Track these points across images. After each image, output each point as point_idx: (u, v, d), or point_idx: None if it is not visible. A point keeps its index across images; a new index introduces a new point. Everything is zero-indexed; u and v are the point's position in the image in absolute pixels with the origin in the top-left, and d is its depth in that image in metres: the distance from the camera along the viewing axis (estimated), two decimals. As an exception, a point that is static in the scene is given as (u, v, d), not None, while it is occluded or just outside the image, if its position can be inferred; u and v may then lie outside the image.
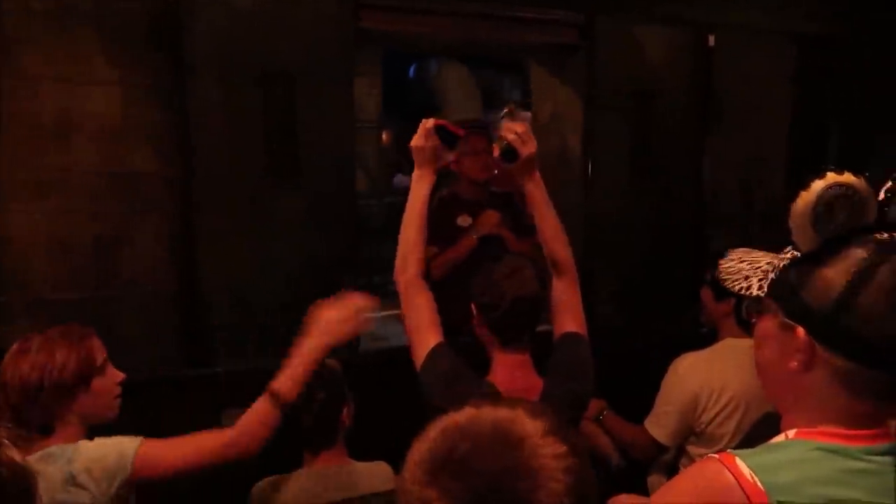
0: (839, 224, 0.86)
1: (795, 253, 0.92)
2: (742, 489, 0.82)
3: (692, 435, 2.12)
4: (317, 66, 2.63)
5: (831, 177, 0.86)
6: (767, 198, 3.60)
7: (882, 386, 0.85)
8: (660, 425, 2.13)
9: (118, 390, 1.63)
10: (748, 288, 0.98)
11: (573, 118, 3.29)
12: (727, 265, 1.04)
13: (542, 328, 1.80)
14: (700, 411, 2.07)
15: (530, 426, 0.71)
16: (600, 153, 3.22)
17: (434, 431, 0.73)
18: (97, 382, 1.57)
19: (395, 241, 1.77)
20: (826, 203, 0.86)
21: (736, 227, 3.54)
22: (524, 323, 1.70)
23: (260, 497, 1.70)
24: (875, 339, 0.83)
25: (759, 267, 0.99)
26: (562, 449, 0.69)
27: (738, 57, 3.43)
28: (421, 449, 0.72)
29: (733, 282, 1.01)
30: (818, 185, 0.86)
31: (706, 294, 2.28)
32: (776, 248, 1.05)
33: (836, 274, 0.85)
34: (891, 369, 0.83)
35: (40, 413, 1.48)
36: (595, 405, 2.36)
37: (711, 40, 3.35)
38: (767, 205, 3.59)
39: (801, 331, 0.87)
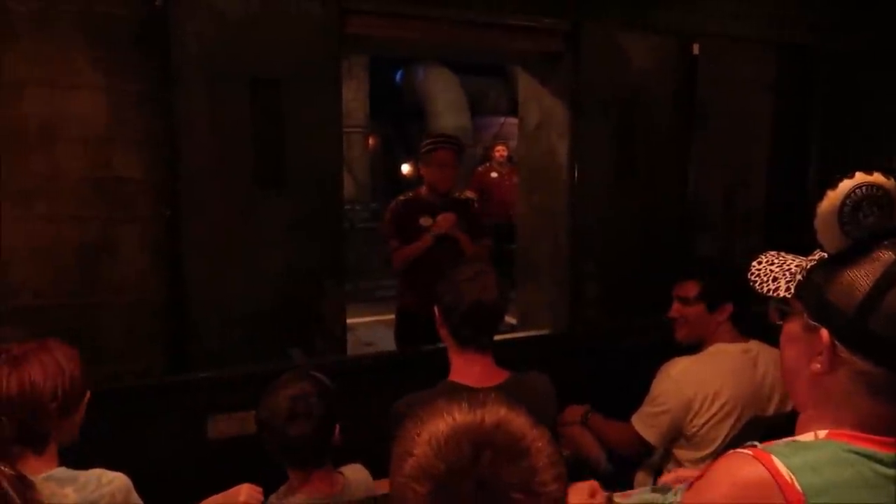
0: (868, 225, 0.84)
1: (823, 254, 0.91)
2: (780, 489, 0.81)
3: (682, 438, 2.14)
4: (303, 72, 2.63)
5: (860, 176, 0.85)
6: (750, 204, 3.64)
7: None
8: (650, 425, 2.14)
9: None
10: (776, 289, 0.96)
11: (560, 124, 3.31)
12: (758, 267, 1.01)
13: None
14: (692, 416, 2.09)
15: (524, 422, 0.78)
16: (587, 159, 3.25)
17: (437, 438, 0.76)
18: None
19: (381, 247, 1.81)
20: (854, 203, 0.84)
21: (719, 232, 3.58)
22: (483, 326, 1.75)
23: None
24: None
25: (789, 269, 0.97)
26: (547, 435, 0.78)
27: (722, 65, 3.47)
28: (429, 458, 0.75)
29: (762, 283, 0.98)
30: (846, 185, 0.85)
31: (697, 308, 2.24)
32: (758, 253, 1.05)
33: (861, 276, 0.83)
34: None
35: (44, 426, 1.42)
36: (579, 410, 2.37)
37: (696, 49, 3.38)
38: (750, 210, 3.64)
39: (824, 332, 0.86)
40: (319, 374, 1.71)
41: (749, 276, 1.01)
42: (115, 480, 1.46)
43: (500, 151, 6.86)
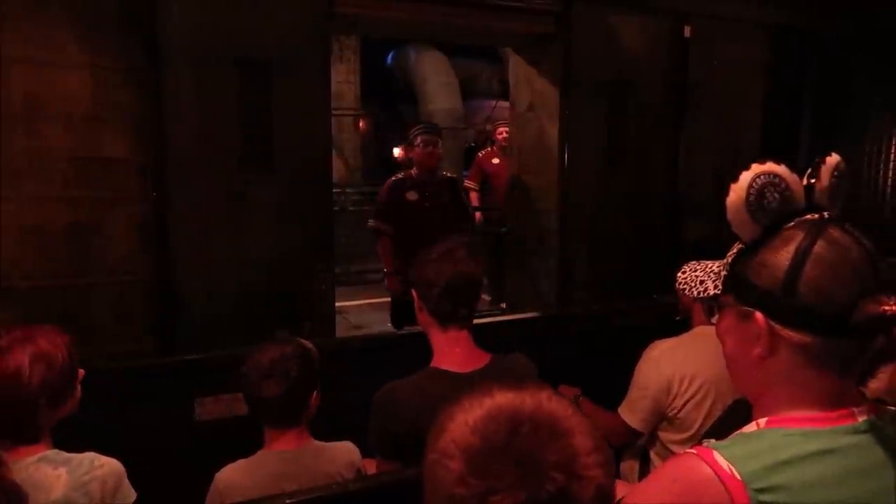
0: (772, 210, 0.90)
1: (741, 246, 0.95)
2: (721, 481, 0.83)
3: (664, 420, 2.15)
4: (292, 52, 2.60)
5: (756, 167, 0.91)
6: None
7: (842, 357, 0.88)
8: (633, 410, 2.15)
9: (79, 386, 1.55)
10: (705, 290, 1.02)
11: (551, 106, 3.30)
12: (683, 276, 1.08)
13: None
14: (672, 397, 2.10)
15: (566, 405, 0.74)
16: (577, 141, 3.24)
17: (474, 416, 0.72)
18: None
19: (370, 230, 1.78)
20: (757, 192, 0.90)
21: (709, 214, 3.59)
22: (463, 299, 1.72)
23: (226, 484, 1.66)
24: (827, 309, 0.86)
25: (712, 270, 1.03)
26: (589, 424, 0.73)
27: (714, 46, 3.46)
28: (464, 434, 0.70)
29: (691, 289, 1.05)
30: (746, 176, 0.90)
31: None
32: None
33: (779, 256, 0.89)
34: (849, 335, 0.86)
35: (34, 419, 1.40)
36: (568, 392, 2.38)
37: (688, 30, 3.37)
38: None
39: (759, 315, 0.90)
40: (306, 342, 1.73)
41: (677, 287, 1.07)
42: (108, 465, 1.44)
43: (503, 133, 5.88)
